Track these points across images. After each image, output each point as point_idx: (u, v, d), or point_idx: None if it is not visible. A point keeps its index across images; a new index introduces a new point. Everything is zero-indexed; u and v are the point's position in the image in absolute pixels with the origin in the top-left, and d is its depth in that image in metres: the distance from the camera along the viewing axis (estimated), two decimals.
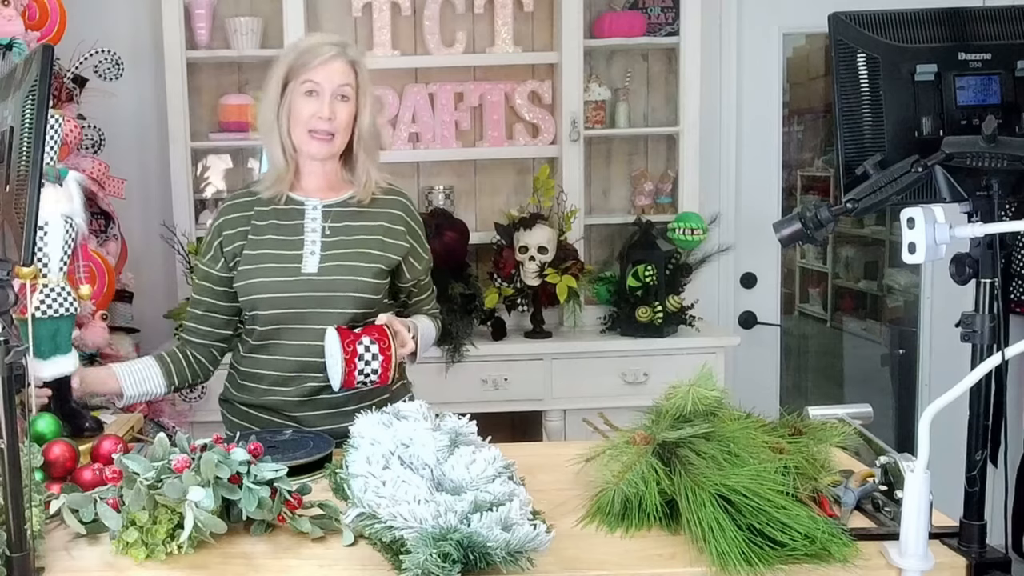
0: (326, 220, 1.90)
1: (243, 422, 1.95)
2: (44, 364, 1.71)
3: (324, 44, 1.85)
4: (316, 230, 1.89)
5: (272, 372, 1.90)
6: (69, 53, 2.76)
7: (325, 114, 1.82)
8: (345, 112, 1.85)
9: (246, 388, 1.95)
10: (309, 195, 1.93)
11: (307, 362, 1.86)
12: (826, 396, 4.01)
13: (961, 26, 1.35)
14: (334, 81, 1.83)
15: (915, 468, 1.22)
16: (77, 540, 1.37)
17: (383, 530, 1.25)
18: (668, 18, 3.31)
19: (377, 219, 1.92)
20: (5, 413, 1.16)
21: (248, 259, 1.89)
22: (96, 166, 2.82)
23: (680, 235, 3.21)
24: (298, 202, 1.92)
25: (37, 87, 1.12)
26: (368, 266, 1.88)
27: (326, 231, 1.89)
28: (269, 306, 1.86)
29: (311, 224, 1.90)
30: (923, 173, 1.27)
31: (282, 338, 1.88)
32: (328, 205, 1.92)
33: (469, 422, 1.52)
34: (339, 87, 1.83)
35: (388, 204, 1.95)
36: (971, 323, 1.27)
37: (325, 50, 1.84)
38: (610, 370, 3.09)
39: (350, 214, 1.92)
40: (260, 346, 1.91)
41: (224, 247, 1.92)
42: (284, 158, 1.89)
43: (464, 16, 3.31)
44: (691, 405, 1.46)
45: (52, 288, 1.68)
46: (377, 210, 1.93)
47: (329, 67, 1.83)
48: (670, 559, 1.29)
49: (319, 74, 1.83)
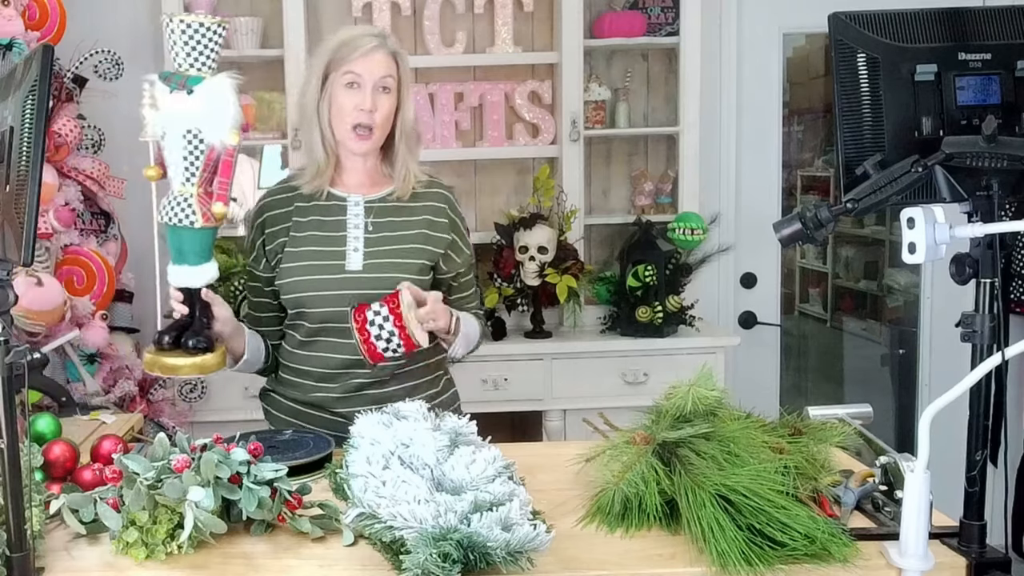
0: (368, 216, 1.88)
1: (288, 417, 1.93)
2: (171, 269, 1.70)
3: (365, 35, 1.83)
4: (359, 226, 1.87)
5: (318, 369, 1.89)
6: (69, 53, 2.76)
7: (367, 106, 1.79)
8: (387, 104, 1.82)
9: (293, 384, 1.93)
10: (351, 191, 1.90)
11: (352, 359, 1.83)
12: (826, 396, 4.01)
13: (961, 26, 1.35)
14: (376, 73, 1.80)
15: (915, 468, 1.22)
16: (77, 540, 1.37)
17: (383, 530, 1.25)
18: (668, 18, 3.31)
19: (420, 213, 1.90)
20: (5, 413, 1.16)
21: (290, 256, 1.87)
22: (96, 166, 2.82)
23: (680, 235, 3.21)
24: (340, 198, 1.90)
25: (37, 87, 1.12)
26: (412, 262, 1.86)
27: (369, 227, 1.87)
28: (314, 304, 1.85)
29: (353, 220, 1.88)
30: (923, 173, 1.27)
31: (328, 335, 1.86)
32: (370, 201, 1.89)
33: (469, 422, 1.52)
34: (381, 79, 1.80)
35: (430, 198, 1.92)
36: (971, 323, 1.27)
37: (366, 41, 1.81)
38: (610, 370, 3.09)
39: (392, 209, 1.89)
40: (306, 343, 1.89)
41: (267, 245, 1.90)
42: (324, 152, 1.86)
43: (464, 16, 3.31)
44: (691, 405, 1.46)
45: (173, 198, 1.63)
46: (419, 204, 1.91)
47: (371, 59, 1.80)
48: (670, 559, 1.29)
49: (360, 65, 1.80)
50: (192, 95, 1.59)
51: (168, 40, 1.62)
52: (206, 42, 1.61)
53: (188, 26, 1.59)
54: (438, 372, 1.99)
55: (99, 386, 2.61)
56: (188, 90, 1.59)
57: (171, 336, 1.71)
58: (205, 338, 1.71)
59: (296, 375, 1.92)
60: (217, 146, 1.62)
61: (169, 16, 1.61)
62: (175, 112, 1.60)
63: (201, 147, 1.61)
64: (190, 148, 1.61)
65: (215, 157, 1.62)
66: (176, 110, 1.60)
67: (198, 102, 1.59)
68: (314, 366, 1.89)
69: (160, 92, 1.61)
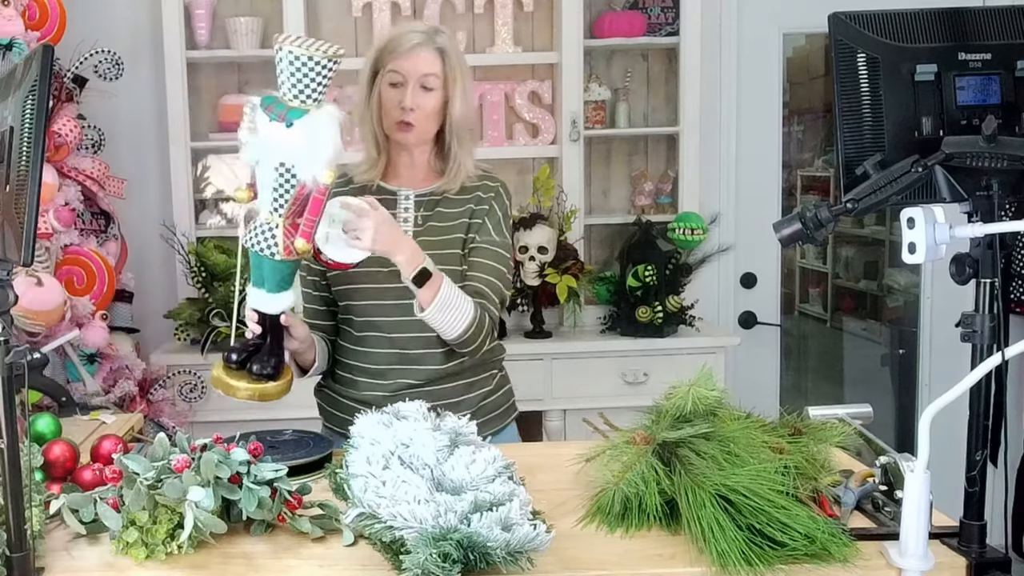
0: (418, 210, 1.88)
1: (344, 414, 1.90)
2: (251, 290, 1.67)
3: (410, 32, 1.83)
4: (408, 220, 1.87)
5: (369, 366, 1.88)
6: (69, 53, 2.76)
7: (407, 103, 1.79)
8: (429, 102, 1.81)
9: (348, 381, 1.92)
10: (402, 184, 1.90)
11: (401, 354, 1.83)
12: (826, 396, 4.01)
13: (961, 26, 1.35)
14: (418, 70, 1.80)
15: (915, 468, 1.22)
16: (77, 540, 1.36)
17: (383, 530, 1.25)
18: (668, 18, 3.31)
19: (464, 205, 1.89)
20: (5, 413, 1.16)
21: None
22: (96, 166, 2.82)
23: (680, 235, 3.21)
24: (390, 191, 1.89)
25: (37, 87, 1.12)
26: (456, 252, 1.85)
27: (418, 221, 1.87)
28: (362, 297, 1.85)
29: (403, 214, 1.88)
30: (923, 173, 1.27)
31: (375, 330, 1.86)
32: (420, 194, 1.89)
33: (469, 422, 1.52)
34: (423, 76, 1.80)
35: (478, 190, 1.90)
36: (971, 323, 1.27)
37: (410, 39, 1.81)
38: (610, 370, 3.09)
39: (441, 202, 1.89)
40: (357, 338, 1.89)
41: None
42: (376, 148, 1.88)
43: (464, 16, 3.31)
44: (691, 405, 1.46)
45: (259, 224, 1.61)
46: (467, 196, 1.90)
47: (414, 56, 1.80)
48: (670, 559, 1.29)
49: (403, 63, 1.80)
50: (291, 128, 1.52)
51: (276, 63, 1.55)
52: (313, 75, 1.52)
53: (297, 58, 1.51)
54: (491, 371, 1.97)
55: (99, 386, 2.61)
56: (288, 123, 1.53)
57: (239, 356, 1.68)
58: (272, 366, 1.68)
59: (350, 372, 1.92)
60: (309, 183, 1.56)
61: (279, 42, 1.53)
62: (271, 142, 1.54)
63: (292, 181, 1.56)
64: (281, 180, 1.56)
65: (305, 193, 1.57)
66: (273, 140, 1.54)
67: (296, 136, 1.52)
68: (364, 363, 1.89)
69: (260, 118, 1.55)
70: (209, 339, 2.99)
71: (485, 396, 1.93)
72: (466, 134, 1.89)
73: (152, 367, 2.96)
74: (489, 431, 1.91)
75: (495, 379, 1.98)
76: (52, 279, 2.44)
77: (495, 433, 1.94)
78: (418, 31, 1.83)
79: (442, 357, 1.87)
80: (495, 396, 1.97)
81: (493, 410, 1.96)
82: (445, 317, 1.75)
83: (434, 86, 1.82)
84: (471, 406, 1.90)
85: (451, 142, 1.87)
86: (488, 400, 1.94)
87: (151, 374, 2.93)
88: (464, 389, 1.89)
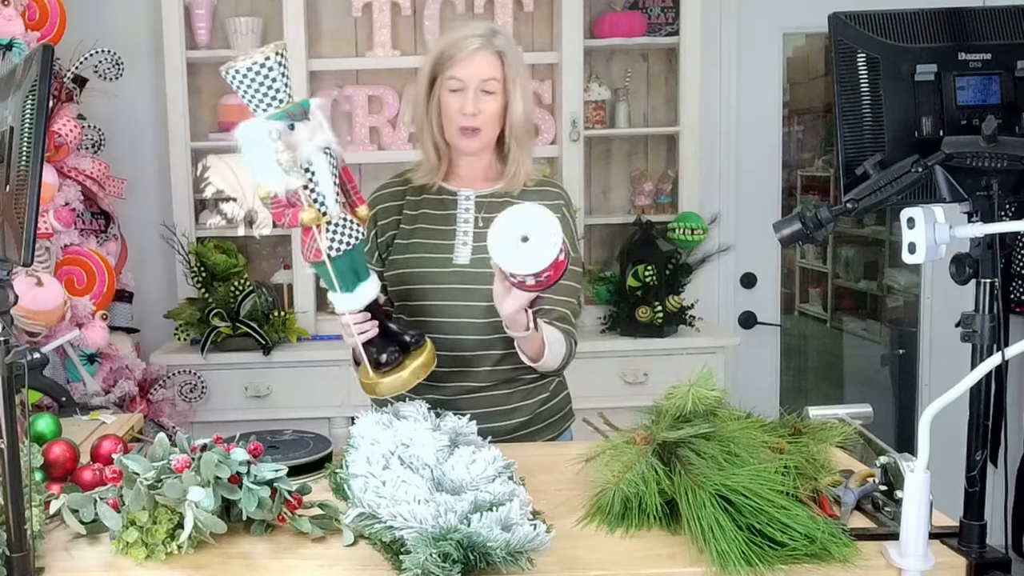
0: (479, 211, 1.87)
1: None
2: (353, 296, 1.64)
3: (468, 37, 1.79)
4: (469, 220, 1.86)
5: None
6: (69, 53, 2.76)
7: (469, 110, 1.78)
8: (491, 106, 1.80)
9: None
10: (463, 185, 1.90)
11: (457, 356, 1.81)
12: (826, 396, 4.02)
13: (961, 26, 1.35)
14: (478, 75, 1.78)
15: (915, 468, 1.22)
16: (77, 540, 1.36)
17: (383, 530, 1.25)
18: (668, 18, 3.31)
19: None
20: (5, 413, 1.16)
21: (399, 248, 1.87)
22: (96, 166, 2.82)
23: (680, 235, 3.21)
24: (451, 192, 1.89)
25: (37, 87, 1.12)
26: None
27: (479, 222, 1.86)
28: (418, 297, 1.83)
29: (464, 215, 1.87)
30: (923, 173, 1.27)
31: (430, 331, 1.81)
32: (481, 195, 1.88)
33: (469, 422, 1.52)
34: (483, 81, 1.78)
35: (540, 196, 1.87)
36: (971, 323, 1.27)
37: (468, 43, 1.78)
38: (610, 370, 3.09)
39: (502, 204, 1.84)
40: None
41: (379, 238, 1.89)
42: (436, 154, 1.86)
43: (464, 16, 3.30)
44: (691, 405, 1.46)
45: (336, 224, 1.58)
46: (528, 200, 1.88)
47: (473, 61, 1.78)
48: (670, 559, 1.29)
49: (463, 69, 1.78)
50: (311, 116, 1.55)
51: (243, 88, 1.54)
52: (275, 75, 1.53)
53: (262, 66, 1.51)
54: (549, 377, 1.94)
55: (99, 386, 2.61)
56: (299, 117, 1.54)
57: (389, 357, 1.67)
58: (394, 349, 1.68)
59: None
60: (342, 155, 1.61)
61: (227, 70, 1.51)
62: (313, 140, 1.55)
63: (335, 161, 1.58)
64: (332, 166, 1.57)
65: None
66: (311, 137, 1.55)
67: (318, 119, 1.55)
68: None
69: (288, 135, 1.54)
70: (209, 339, 2.99)
71: (543, 403, 1.92)
72: (525, 136, 1.87)
73: (152, 367, 2.97)
74: (546, 437, 1.91)
75: (552, 384, 1.96)
76: (52, 279, 2.44)
77: (552, 439, 1.93)
78: (476, 35, 1.80)
79: (499, 360, 1.84)
80: (553, 402, 1.95)
81: (550, 416, 1.94)
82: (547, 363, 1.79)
83: (495, 90, 1.79)
84: (528, 412, 1.89)
85: (511, 144, 1.85)
86: (545, 407, 1.92)
87: (151, 374, 2.93)
88: (522, 396, 1.87)
